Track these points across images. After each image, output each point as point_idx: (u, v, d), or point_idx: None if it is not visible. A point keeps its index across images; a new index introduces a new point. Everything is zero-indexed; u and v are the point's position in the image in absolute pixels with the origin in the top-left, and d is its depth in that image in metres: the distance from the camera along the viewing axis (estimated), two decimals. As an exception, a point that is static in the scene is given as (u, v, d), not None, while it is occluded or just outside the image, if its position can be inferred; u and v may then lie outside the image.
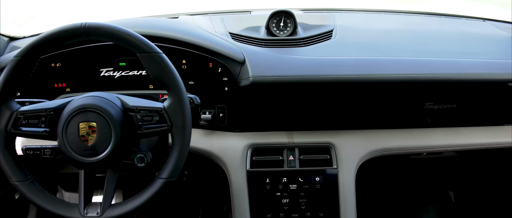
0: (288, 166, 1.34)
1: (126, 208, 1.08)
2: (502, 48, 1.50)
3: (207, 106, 1.38)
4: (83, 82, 1.37)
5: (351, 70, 1.31)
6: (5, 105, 1.07)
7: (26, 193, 1.10)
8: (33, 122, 1.08)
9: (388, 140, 1.40)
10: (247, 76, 1.30)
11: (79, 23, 1.03)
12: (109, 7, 3.05)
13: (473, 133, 1.43)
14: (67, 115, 1.06)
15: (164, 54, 1.07)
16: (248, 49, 1.38)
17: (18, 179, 1.09)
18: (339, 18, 1.69)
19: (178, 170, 1.09)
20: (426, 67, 1.33)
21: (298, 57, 1.36)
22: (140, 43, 1.05)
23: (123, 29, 1.05)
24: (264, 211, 1.30)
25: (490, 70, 1.32)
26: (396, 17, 1.77)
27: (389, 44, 1.49)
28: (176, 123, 1.06)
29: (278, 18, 1.51)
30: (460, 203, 2.24)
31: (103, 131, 1.05)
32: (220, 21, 1.64)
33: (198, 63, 1.33)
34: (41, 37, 1.04)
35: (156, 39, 1.31)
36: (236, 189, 1.32)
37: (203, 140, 1.39)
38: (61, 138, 1.07)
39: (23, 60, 1.05)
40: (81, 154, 1.06)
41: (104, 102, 1.07)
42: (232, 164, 1.35)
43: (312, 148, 1.37)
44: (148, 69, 1.07)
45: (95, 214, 1.08)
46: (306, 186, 1.32)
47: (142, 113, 1.08)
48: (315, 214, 1.30)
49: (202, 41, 1.33)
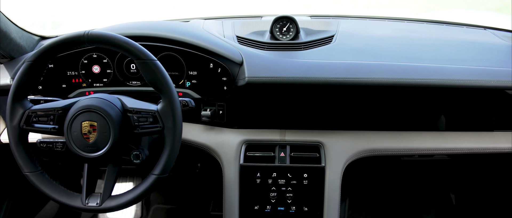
0: (279, 162, 1.35)
1: (121, 200, 1.14)
2: (495, 56, 1.45)
3: (208, 104, 1.41)
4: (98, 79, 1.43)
5: (341, 73, 1.31)
6: (19, 104, 1.14)
7: (35, 182, 1.17)
8: (43, 119, 1.16)
9: (376, 141, 1.38)
10: (244, 77, 1.31)
11: (82, 31, 1.10)
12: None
13: (461, 137, 1.38)
14: (72, 114, 1.13)
15: (158, 62, 1.11)
16: (247, 51, 1.40)
17: (29, 170, 1.16)
18: (343, 24, 1.68)
19: (169, 167, 1.13)
20: (414, 72, 1.30)
21: (294, 60, 1.37)
22: (136, 51, 1.10)
23: (122, 38, 1.10)
24: (252, 203, 1.32)
25: (477, 77, 1.29)
26: (398, 25, 1.74)
27: (384, 50, 1.47)
28: (168, 124, 1.11)
29: (281, 23, 1.52)
30: (458, 206, 2.18)
31: (103, 129, 1.11)
32: (231, 25, 1.67)
33: (200, 63, 1.36)
34: (49, 44, 1.10)
35: (158, 40, 1.35)
36: (228, 181, 1.34)
37: (203, 135, 1.42)
38: (66, 134, 1.13)
39: (34, 64, 1.12)
40: (83, 150, 1.13)
41: (105, 104, 1.13)
42: (227, 157, 1.37)
43: (302, 146, 1.37)
44: (143, 74, 1.11)
45: (94, 204, 1.15)
46: (294, 181, 1.32)
47: (138, 114, 1.13)
48: (300, 208, 1.30)
49: (202, 42, 1.35)
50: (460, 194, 2.20)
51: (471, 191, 2.18)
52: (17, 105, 1.14)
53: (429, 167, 2.25)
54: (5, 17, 1.44)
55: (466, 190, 2.19)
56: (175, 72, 1.38)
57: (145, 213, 2.25)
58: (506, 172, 1.98)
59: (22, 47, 1.53)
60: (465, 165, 2.16)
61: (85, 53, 1.39)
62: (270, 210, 1.30)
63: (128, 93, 1.33)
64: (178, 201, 2.28)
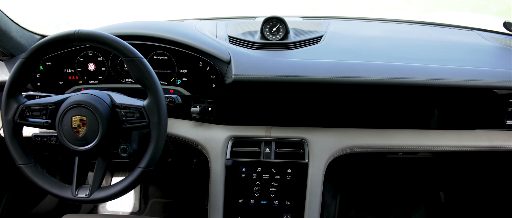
0: (264, 157, 1.35)
1: (109, 192, 1.16)
2: (478, 56, 1.44)
3: (197, 101, 1.42)
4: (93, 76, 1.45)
5: (325, 72, 1.31)
6: (14, 99, 1.17)
7: (28, 173, 1.19)
8: (36, 114, 1.18)
9: (358, 138, 1.38)
10: (231, 75, 1.33)
11: (73, 30, 1.12)
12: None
13: (443, 135, 1.38)
14: (63, 109, 1.15)
15: (144, 59, 1.13)
16: (236, 50, 1.41)
17: (23, 162, 1.19)
18: (333, 25, 1.68)
19: (155, 160, 1.14)
20: (397, 71, 1.30)
21: (281, 59, 1.37)
22: (124, 49, 1.12)
23: (110, 36, 1.12)
24: (236, 197, 1.32)
25: (458, 77, 1.28)
26: (387, 26, 1.73)
27: (370, 50, 1.47)
28: (153, 120, 1.12)
29: (271, 23, 1.53)
30: (447, 203, 2.17)
31: (92, 124, 1.13)
32: (224, 25, 1.68)
33: (189, 62, 1.37)
34: (41, 43, 1.13)
35: (149, 39, 1.37)
36: (214, 175, 1.35)
37: (192, 131, 1.43)
38: (57, 128, 1.16)
39: (27, 61, 1.15)
40: (73, 143, 1.15)
41: (94, 100, 1.14)
42: (214, 152, 1.38)
43: (287, 142, 1.37)
44: (130, 71, 1.13)
45: (84, 195, 1.17)
46: (278, 176, 1.32)
47: (125, 110, 1.15)
48: (282, 202, 1.30)
49: (190, 41, 1.37)
50: (449, 191, 2.19)
51: (459, 188, 2.17)
52: (11, 100, 1.17)
53: (416, 165, 2.24)
54: (5, 17, 1.47)
55: (454, 187, 2.18)
56: (167, 70, 1.40)
57: (143, 206, 2.27)
58: (492, 169, 1.98)
59: (23, 46, 1.56)
60: (450, 162, 2.15)
61: (81, 52, 1.42)
62: (254, 203, 1.31)
63: (122, 90, 1.35)
64: (174, 195, 2.30)
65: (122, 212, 2.25)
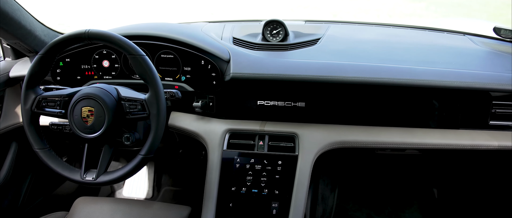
0: (257, 149, 1.39)
1: (113, 176, 1.22)
2: (464, 59, 1.43)
3: (200, 96, 1.47)
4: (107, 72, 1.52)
5: (316, 72, 1.33)
6: (32, 90, 1.25)
7: (43, 157, 1.26)
8: (51, 104, 1.25)
9: (346, 134, 1.40)
10: (229, 73, 1.37)
11: (84, 30, 1.18)
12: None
13: (428, 133, 1.38)
14: (74, 101, 1.22)
15: (146, 56, 1.18)
16: (236, 50, 1.45)
17: (39, 147, 1.26)
18: (332, 28, 1.70)
19: (154, 148, 1.20)
20: (384, 72, 1.31)
21: (278, 59, 1.40)
22: (128, 47, 1.17)
23: (117, 36, 1.18)
24: (230, 185, 1.36)
25: (442, 78, 1.28)
26: (383, 30, 1.73)
27: (361, 52, 1.48)
28: (153, 112, 1.18)
29: (272, 26, 1.57)
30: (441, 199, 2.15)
31: (99, 114, 1.19)
32: (231, 28, 1.73)
33: (193, 60, 1.42)
34: (56, 40, 1.20)
35: (156, 38, 1.43)
36: (211, 164, 1.40)
37: (194, 123, 1.48)
38: (69, 118, 1.22)
39: (44, 56, 1.22)
40: (82, 131, 1.21)
41: (102, 92, 1.21)
42: (212, 144, 1.42)
43: (279, 136, 1.40)
44: (133, 67, 1.19)
45: (91, 178, 1.23)
46: (269, 167, 1.35)
47: (129, 102, 1.22)
48: (271, 191, 1.33)
49: (193, 41, 1.41)
50: (439, 187, 2.17)
51: (448, 184, 2.14)
52: (30, 91, 1.24)
53: (407, 162, 2.23)
54: (31, 17, 1.55)
55: (444, 183, 2.16)
56: (173, 68, 1.45)
57: (156, 193, 2.34)
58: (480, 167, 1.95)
59: (47, 44, 1.64)
60: (439, 160, 2.13)
61: (96, 50, 1.49)
62: (245, 191, 1.35)
63: (132, 85, 1.41)
64: (185, 184, 2.36)
65: (137, 197, 2.32)
